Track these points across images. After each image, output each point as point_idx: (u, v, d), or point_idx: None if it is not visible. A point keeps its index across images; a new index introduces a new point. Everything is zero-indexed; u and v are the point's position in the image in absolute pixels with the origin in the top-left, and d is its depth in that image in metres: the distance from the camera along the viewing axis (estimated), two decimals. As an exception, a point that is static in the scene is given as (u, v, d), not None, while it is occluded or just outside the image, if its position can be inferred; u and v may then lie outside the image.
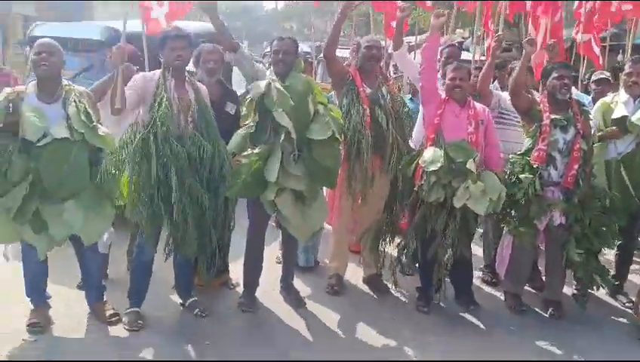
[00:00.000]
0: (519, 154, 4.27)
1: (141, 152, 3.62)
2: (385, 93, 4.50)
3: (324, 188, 4.35)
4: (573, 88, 4.49)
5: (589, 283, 4.25)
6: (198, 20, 7.18)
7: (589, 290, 4.32)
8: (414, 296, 4.45)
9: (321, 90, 4.23)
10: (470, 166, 3.98)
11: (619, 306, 4.62)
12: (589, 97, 5.23)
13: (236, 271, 4.49)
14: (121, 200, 3.79)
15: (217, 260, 3.97)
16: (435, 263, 4.22)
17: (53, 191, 3.54)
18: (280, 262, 4.69)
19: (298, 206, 3.97)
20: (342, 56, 6.10)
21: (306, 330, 4.03)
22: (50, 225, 3.55)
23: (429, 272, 4.29)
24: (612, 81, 5.50)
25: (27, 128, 3.46)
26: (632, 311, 4.39)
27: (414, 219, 4.24)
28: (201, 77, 4.26)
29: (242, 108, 4.19)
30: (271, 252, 4.80)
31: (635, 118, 4.37)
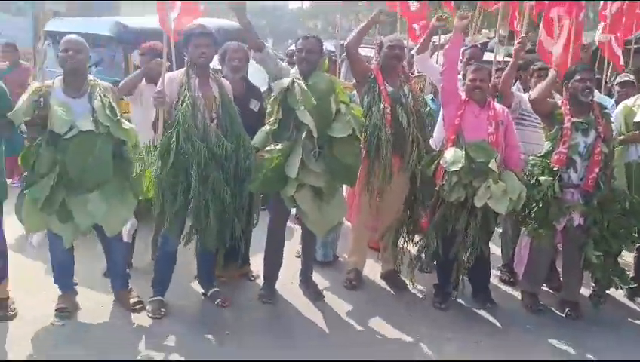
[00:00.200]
0: (539, 156, 4.27)
1: (165, 149, 3.74)
2: (406, 92, 4.54)
3: (344, 185, 4.42)
4: (595, 91, 4.48)
5: (607, 285, 4.26)
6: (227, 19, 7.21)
7: (607, 291, 4.32)
8: (431, 293, 4.50)
9: (344, 88, 4.29)
10: (492, 166, 4.02)
11: (637, 308, 4.61)
12: (611, 100, 5.20)
13: (257, 264, 4.59)
14: (147, 194, 3.91)
15: (240, 252, 4.06)
16: (454, 261, 4.27)
17: (79, 182, 3.67)
18: (299, 256, 4.78)
19: (316, 202, 4.04)
20: (366, 56, 6.16)
21: (323, 323, 4.10)
22: (75, 214, 3.68)
23: (448, 270, 4.34)
24: (636, 83, 5.45)
25: (55, 121, 3.60)
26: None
27: (435, 218, 4.29)
28: (226, 74, 4.36)
29: (266, 105, 4.28)
30: (291, 247, 4.88)
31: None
